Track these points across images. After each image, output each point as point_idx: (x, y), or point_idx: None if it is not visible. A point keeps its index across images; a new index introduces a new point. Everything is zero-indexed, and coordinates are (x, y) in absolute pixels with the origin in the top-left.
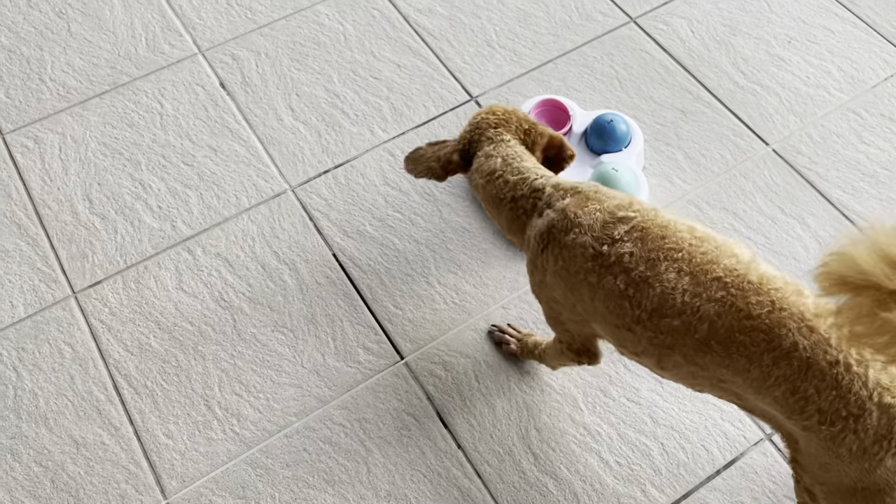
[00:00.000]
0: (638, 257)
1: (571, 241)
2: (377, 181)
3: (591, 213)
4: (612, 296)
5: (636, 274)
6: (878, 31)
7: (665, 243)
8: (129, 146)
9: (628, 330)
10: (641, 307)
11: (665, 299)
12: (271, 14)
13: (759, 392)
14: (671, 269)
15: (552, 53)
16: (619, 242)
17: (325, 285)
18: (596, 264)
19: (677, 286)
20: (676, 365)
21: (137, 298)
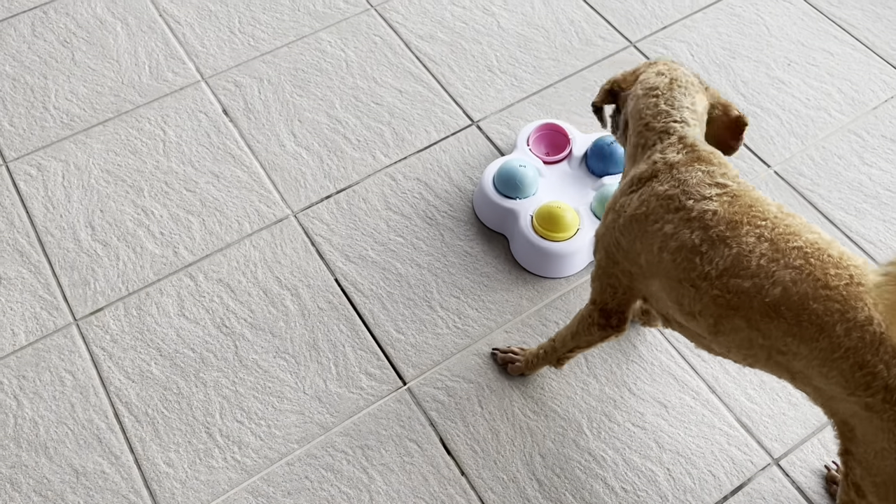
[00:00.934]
0: (720, 217)
1: (662, 191)
2: (379, 206)
3: (693, 171)
4: (684, 249)
5: (714, 232)
6: (878, 52)
7: (751, 210)
8: (131, 173)
9: (692, 285)
10: (713, 264)
11: (740, 260)
12: (274, 41)
13: (824, 364)
14: (752, 233)
15: (553, 78)
16: (706, 200)
17: (327, 311)
18: (676, 216)
19: (755, 250)
20: (735, 329)
21: (139, 325)
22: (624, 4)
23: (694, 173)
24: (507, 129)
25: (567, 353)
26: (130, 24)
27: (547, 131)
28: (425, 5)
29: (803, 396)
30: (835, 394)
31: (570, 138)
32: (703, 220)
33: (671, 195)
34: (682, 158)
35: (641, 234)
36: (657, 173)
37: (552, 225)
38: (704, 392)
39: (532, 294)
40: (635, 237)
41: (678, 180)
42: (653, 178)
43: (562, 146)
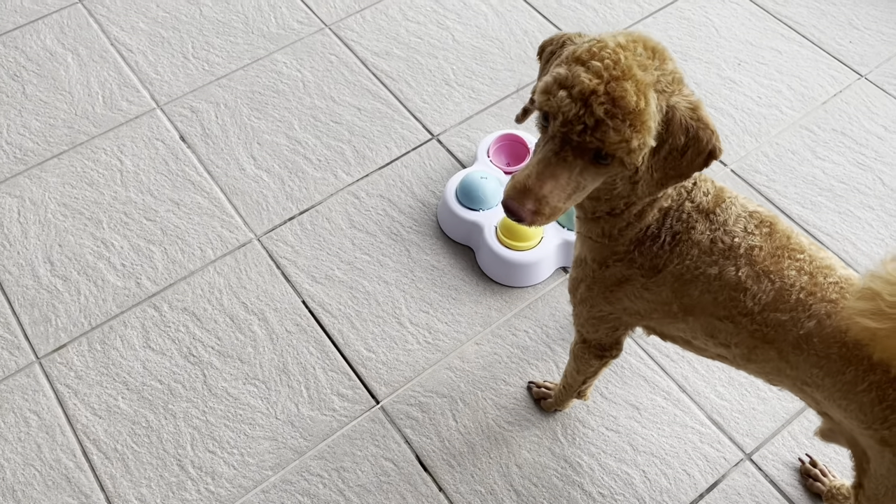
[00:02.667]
0: (766, 252)
1: (706, 238)
2: (343, 225)
3: (727, 210)
4: (727, 287)
5: (760, 267)
6: (824, 48)
7: (790, 243)
8: (89, 205)
9: (731, 321)
10: (755, 300)
11: (781, 294)
12: (229, 65)
13: (846, 396)
14: (793, 266)
15: (510, 88)
16: (751, 235)
17: (295, 333)
18: (721, 256)
19: (796, 283)
20: (767, 359)
21: (104, 360)
22: (575, 13)
23: (729, 211)
24: (467, 141)
25: (581, 386)
26: (81, 55)
27: (506, 142)
28: (380, 22)
29: (793, 399)
30: (852, 427)
31: (529, 147)
32: (750, 255)
33: (715, 238)
34: (712, 201)
35: (679, 286)
36: (693, 229)
37: (516, 235)
38: (675, 392)
39: (500, 304)
40: (667, 289)
41: (718, 224)
42: (690, 231)
43: (522, 156)
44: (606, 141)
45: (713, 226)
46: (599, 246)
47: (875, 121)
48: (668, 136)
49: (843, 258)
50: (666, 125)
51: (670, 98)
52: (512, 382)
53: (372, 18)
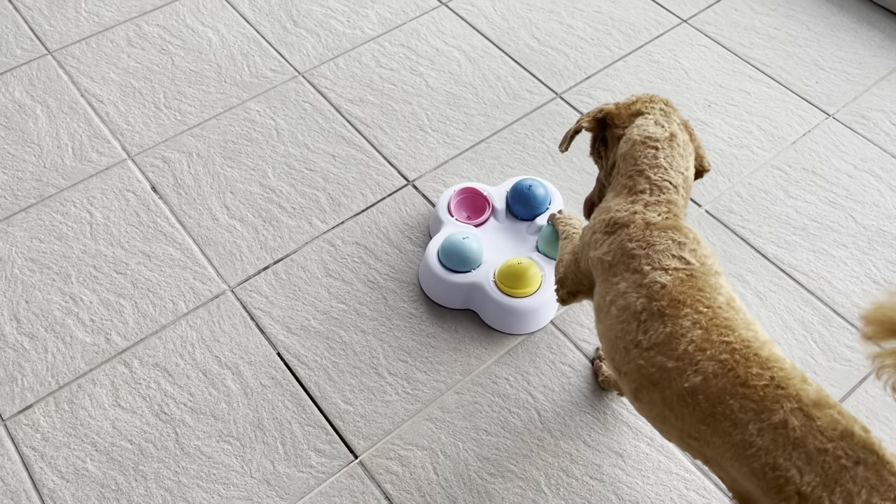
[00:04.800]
0: (667, 292)
1: (629, 248)
2: (319, 273)
3: (664, 238)
4: (627, 311)
5: (656, 305)
6: (792, 89)
7: (699, 294)
8: (57, 259)
9: (624, 347)
10: (646, 335)
11: (670, 340)
12: (201, 114)
13: (737, 458)
14: (690, 317)
15: (484, 133)
16: (661, 271)
17: (270, 387)
18: (631, 276)
19: (687, 334)
20: (652, 402)
21: (72, 420)
22: (547, 58)
23: (664, 240)
24: (442, 186)
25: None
26: (51, 107)
27: (464, 195)
28: (353, 69)
29: None
30: (750, 490)
31: (487, 197)
32: (651, 289)
33: (634, 254)
34: (660, 221)
35: (601, 279)
36: (631, 224)
37: (517, 283)
38: (658, 438)
39: (480, 351)
40: (596, 275)
41: (647, 242)
42: (626, 227)
43: (482, 206)
44: None
45: (641, 243)
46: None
47: (844, 159)
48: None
49: (820, 296)
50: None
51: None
52: (493, 432)
53: (345, 66)
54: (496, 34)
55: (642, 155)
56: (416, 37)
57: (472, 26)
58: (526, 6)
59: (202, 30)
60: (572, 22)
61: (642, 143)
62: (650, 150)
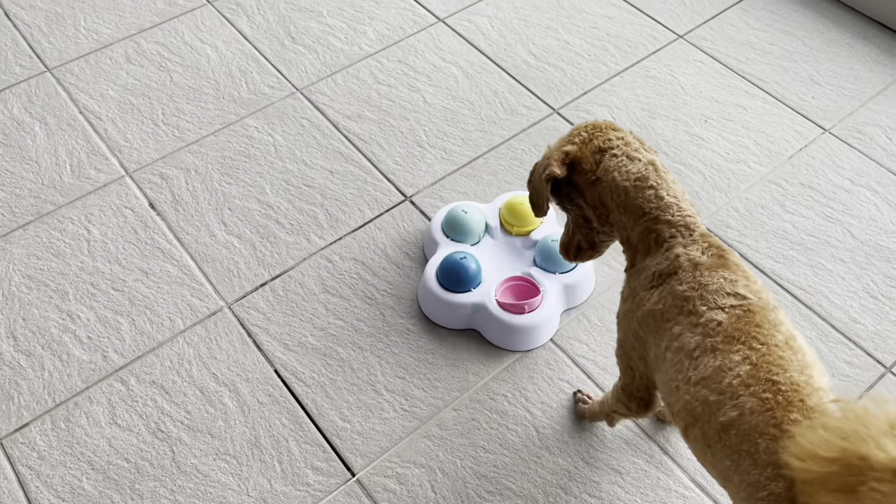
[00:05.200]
0: (723, 328)
1: (680, 291)
2: (316, 289)
3: (715, 277)
4: (681, 351)
5: (710, 341)
6: (788, 104)
7: (755, 331)
8: (55, 276)
9: (676, 387)
10: (696, 370)
11: (716, 374)
12: (199, 131)
13: (748, 499)
14: (741, 352)
15: (481, 149)
16: (717, 309)
17: (267, 404)
18: (686, 319)
19: (734, 368)
20: (695, 439)
21: (68, 438)
22: (544, 74)
23: (716, 279)
24: (440, 202)
25: (613, 416)
26: (49, 124)
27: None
28: (351, 86)
29: None
30: None
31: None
32: (707, 327)
33: (687, 297)
34: (708, 261)
35: (655, 330)
36: (678, 270)
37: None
38: (657, 454)
39: (478, 368)
40: (649, 331)
41: (698, 283)
42: (673, 275)
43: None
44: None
45: (694, 284)
46: (625, 278)
47: (841, 174)
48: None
49: (818, 311)
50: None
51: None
52: (491, 449)
53: (343, 82)
54: (493, 50)
55: (644, 200)
56: (413, 53)
57: (470, 42)
58: (523, 22)
59: (201, 47)
60: (569, 38)
61: (635, 188)
62: (649, 191)
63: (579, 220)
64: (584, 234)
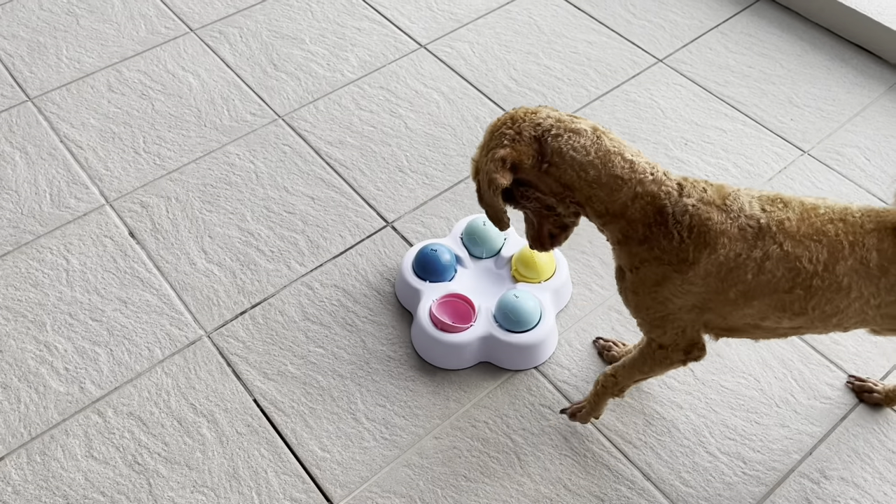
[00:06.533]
0: (794, 221)
1: (730, 226)
2: (297, 317)
3: (737, 199)
4: (780, 261)
5: (798, 235)
6: (767, 126)
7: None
8: (32, 307)
9: (799, 288)
10: (813, 261)
11: (833, 247)
12: (180, 158)
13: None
14: (825, 221)
15: (463, 173)
16: (771, 212)
17: (246, 435)
18: (759, 240)
19: (838, 233)
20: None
21: (43, 472)
22: (525, 98)
23: (743, 200)
24: (421, 227)
25: (634, 383)
26: (30, 153)
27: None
28: (333, 112)
29: None
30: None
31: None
32: (784, 229)
33: (741, 224)
34: (716, 194)
35: (727, 273)
36: (709, 219)
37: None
38: (639, 480)
39: (458, 394)
40: (714, 279)
41: (735, 211)
42: (707, 222)
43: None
44: None
45: (731, 214)
46: (620, 251)
47: (820, 195)
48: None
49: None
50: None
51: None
52: (472, 478)
53: (325, 108)
54: (475, 75)
55: (617, 168)
56: (395, 79)
57: (451, 68)
58: (504, 48)
59: (183, 74)
60: (549, 63)
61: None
62: (615, 157)
63: (542, 212)
64: (552, 222)
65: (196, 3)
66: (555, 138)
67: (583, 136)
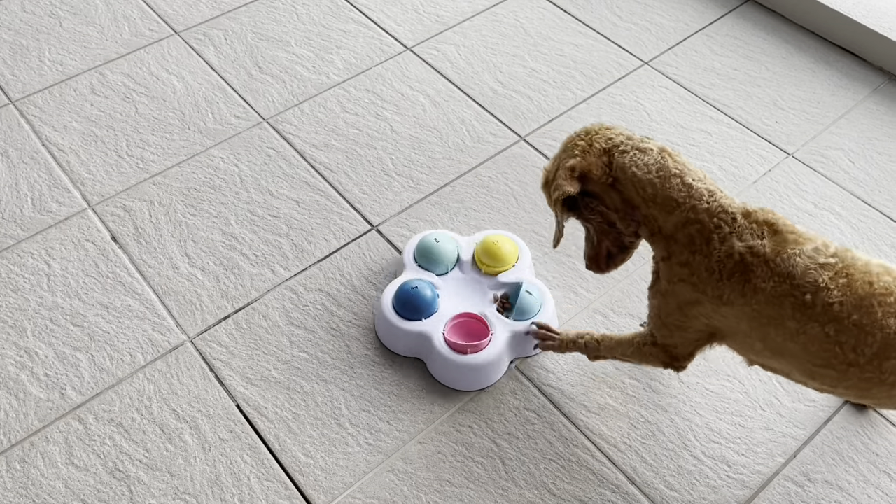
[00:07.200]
0: (849, 306)
1: (771, 288)
2: (280, 322)
3: (792, 259)
4: (817, 341)
5: (849, 322)
6: (752, 129)
7: (874, 289)
8: (13, 312)
9: (832, 369)
10: (858, 352)
11: (888, 342)
12: (164, 162)
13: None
14: (888, 313)
15: (449, 177)
16: (824, 290)
17: (228, 441)
18: (798, 312)
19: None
20: (887, 395)
21: (23, 480)
22: (511, 101)
23: (793, 260)
24: (407, 230)
25: (609, 358)
26: (11, 157)
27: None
28: (318, 115)
29: None
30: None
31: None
32: (831, 313)
33: (783, 292)
34: (770, 246)
35: (757, 326)
36: (752, 265)
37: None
38: (624, 484)
39: (443, 399)
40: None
41: (782, 274)
42: (750, 271)
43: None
44: None
45: (777, 277)
46: (662, 266)
47: (805, 198)
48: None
49: None
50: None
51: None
52: (457, 483)
53: (310, 111)
54: (460, 78)
55: (673, 190)
56: (381, 82)
57: (437, 71)
58: (490, 50)
59: (167, 77)
60: (535, 65)
61: (660, 179)
62: (674, 179)
63: (603, 227)
64: (613, 239)
65: (180, 5)
66: (622, 154)
67: (647, 155)
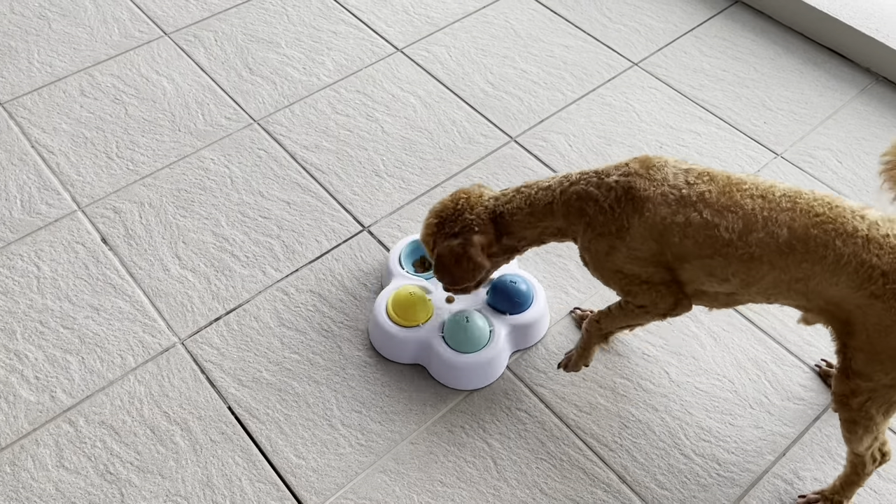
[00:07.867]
0: (715, 193)
1: (653, 192)
2: (272, 323)
3: (662, 169)
4: (700, 228)
5: (717, 206)
6: (741, 129)
7: (731, 180)
8: (2, 315)
9: (718, 255)
10: (729, 230)
11: (748, 219)
12: (154, 164)
13: (833, 273)
14: (745, 196)
15: (440, 177)
16: (694, 185)
17: (220, 443)
18: (680, 205)
19: (755, 207)
20: (763, 275)
21: (13, 483)
22: (502, 102)
23: (663, 170)
24: (398, 231)
25: (617, 331)
26: (0, 159)
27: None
28: (309, 116)
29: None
30: (844, 296)
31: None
32: (704, 199)
33: (663, 192)
34: (635, 167)
35: (658, 235)
36: (632, 184)
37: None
38: (615, 483)
39: (435, 399)
40: (652, 240)
41: (657, 179)
42: (633, 189)
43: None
44: None
45: (654, 182)
46: (580, 246)
47: None
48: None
49: (772, 335)
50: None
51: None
52: (449, 483)
53: (301, 113)
54: (451, 79)
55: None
56: (372, 83)
57: (428, 72)
58: (480, 52)
59: (157, 79)
60: (526, 67)
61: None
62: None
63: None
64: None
65: (170, 6)
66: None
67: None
